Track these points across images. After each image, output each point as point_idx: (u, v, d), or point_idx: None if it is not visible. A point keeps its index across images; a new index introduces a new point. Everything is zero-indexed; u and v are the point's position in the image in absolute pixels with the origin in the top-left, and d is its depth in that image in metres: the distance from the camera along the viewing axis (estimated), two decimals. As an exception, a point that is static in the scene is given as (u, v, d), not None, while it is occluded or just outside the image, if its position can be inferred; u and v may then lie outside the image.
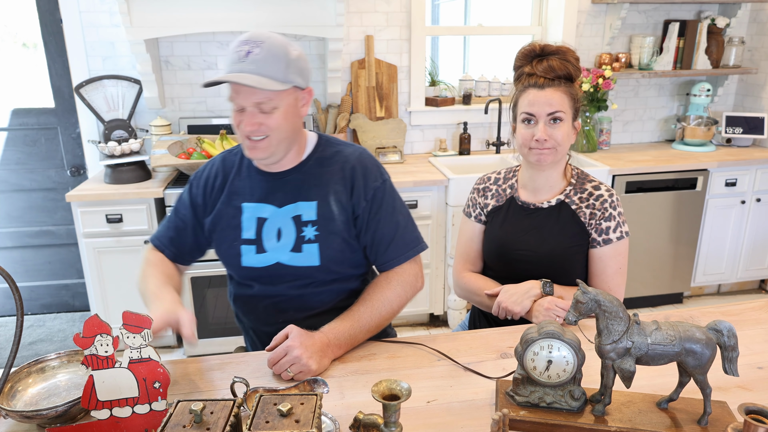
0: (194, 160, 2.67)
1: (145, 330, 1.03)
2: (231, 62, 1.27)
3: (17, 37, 3.08)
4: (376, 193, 1.41)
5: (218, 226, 1.45)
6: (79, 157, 3.19)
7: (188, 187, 1.52)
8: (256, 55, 1.25)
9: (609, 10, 3.43)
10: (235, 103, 1.30)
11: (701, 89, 3.55)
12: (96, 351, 1.03)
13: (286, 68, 1.28)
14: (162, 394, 1.05)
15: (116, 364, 1.03)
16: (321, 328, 1.31)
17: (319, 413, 0.90)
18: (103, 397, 1.04)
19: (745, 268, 3.50)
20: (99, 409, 1.04)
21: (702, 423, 1.04)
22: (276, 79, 1.27)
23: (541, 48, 1.53)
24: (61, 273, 3.37)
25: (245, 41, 1.27)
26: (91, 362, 1.03)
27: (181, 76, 3.15)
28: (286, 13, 2.88)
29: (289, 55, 1.30)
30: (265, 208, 1.41)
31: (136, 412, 1.05)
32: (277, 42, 1.29)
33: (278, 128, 1.31)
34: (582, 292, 1.03)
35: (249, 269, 1.43)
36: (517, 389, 1.11)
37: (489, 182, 1.70)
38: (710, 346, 1.02)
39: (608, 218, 1.54)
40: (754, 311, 1.55)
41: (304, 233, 1.38)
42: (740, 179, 3.30)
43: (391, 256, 1.42)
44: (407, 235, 1.44)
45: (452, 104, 3.46)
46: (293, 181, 1.41)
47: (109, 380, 1.03)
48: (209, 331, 2.89)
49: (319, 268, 1.39)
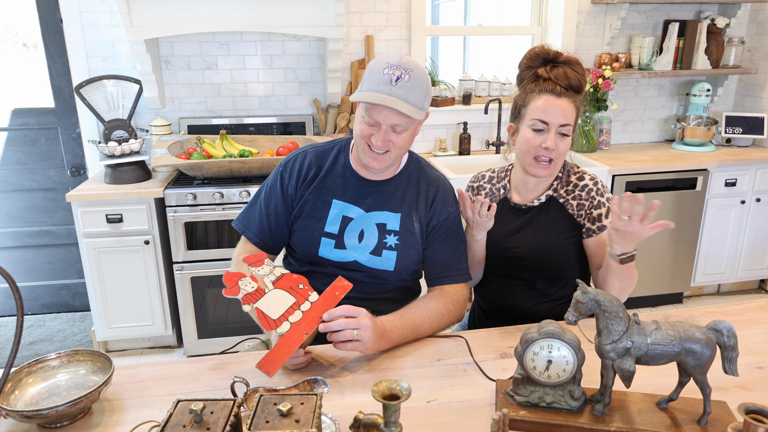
0: (194, 160, 2.67)
1: (264, 259, 1.30)
2: (379, 82, 1.34)
3: (17, 37, 3.08)
4: (449, 218, 1.53)
5: (303, 214, 1.52)
6: (79, 157, 3.19)
7: (277, 177, 1.55)
8: (406, 82, 1.34)
9: (609, 10, 3.43)
10: (371, 118, 1.37)
11: (701, 89, 3.55)
12: (246, 290, 1.26)
13: (425, 97, 1.39)
14: (310, 288, 1.29)
15: (266, 290, 1.27)
16: (380, 317, 1.35)
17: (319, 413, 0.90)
18: (275, 315, 1.24)
19: (744, 268, 3.50)
20: (279, 325, 1.23)
21: (702, 423, 1.04)
22: (418, 107, 1.37)
23: (555, 53, 1.53)
24: (61, 273, 3.37)
25: (396, 65, 1.35)
26: (250, 299, 1.25)
27: (181, 76, 3.15)
28: (286, 13, 2.88)
29: (429, 85, 1.41)
30: (352, 209, 1.50)
31: (302, 310, 1.26)
32: (423, 72, 1.38)
33: (402, 147, 1.42)
34: (582, 292, 1.03)
35: (325, 260, 1.50)
36: (517, 389, 1.11)
37: (483, 180, 1.71)
38: (710, 346, 1.02)
39: (597, 206, 1.54)
40: (754, 311, 1.55)
41: (386, 240, 1.49)
42: (740, 179, 3.30)
43: (445, 274, 1.52)
44: (462, 263, 1.54)
45: (452, 104, 3.46)
46: (385, 191, 1.51)
47: (270, 303, 1.26)
48: (209, 331, 2.89)
49: (392, 273, 1.51)
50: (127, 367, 1.30)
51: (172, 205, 2.69)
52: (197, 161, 2.65)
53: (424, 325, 1.41)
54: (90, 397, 1.08)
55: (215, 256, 2.79)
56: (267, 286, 1.27)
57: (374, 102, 1.32)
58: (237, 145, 2.94)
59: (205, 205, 2.71)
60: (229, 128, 3.16)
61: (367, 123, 1.38)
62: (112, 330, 2.87)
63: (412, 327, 1.39)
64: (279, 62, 3.21)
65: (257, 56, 3.19)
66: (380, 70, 1.35)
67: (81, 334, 3.18)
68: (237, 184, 2.74)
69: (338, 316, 1.25)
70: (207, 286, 2.82)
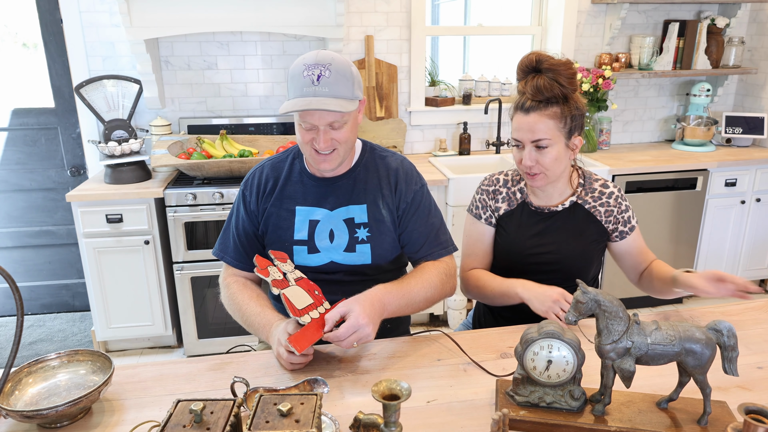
0: (194, 160, 2.67)
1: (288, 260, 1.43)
2: (302, 86, 1.32)
3: (17, 37, 3.08)
4: (415, 196, 1.52)
5: (269, 227, 1.51)
6: (79, 157, 3.19)
7: (240, 197, 1.56)
8: (327, 78, 1.31)
9: (609, 10, 3.43)
10: (306, 123, 1.35)
11: (701, 89, 3.55)
12: (275, 277, 1.33)
13: (353, 86, 1.36)
14: (323, 298, 1.37)
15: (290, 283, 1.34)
16: (374, 287, 1.35)
17: (319, 413, 0.90)
18: (300, 306, 1.29)
19: (745, 268, 3.50)
20: (302, 315, 1.27)
21: (702, 423, 1.04)
22: (348, 99, 1.34)
23: (538, 61, 1.49)
24: (61, 273, 3.37)
25: (313, 64, 1.32)
26: (278, 284, 1.31)
27: (181, 76, 3.15)
28: (286, 13, 2.88)
29: (353, 71, 1.37)
30: (317, 211, 1.49)
31: (319, 311, 1.32)
32: (342, 61, 1.35)
33: (346, 141, 1.40)
34: (582, 292, 1.03)
35: (302, 267, 1.49)
36: (517, 389, 1.11)
37: (498, 184, 1.68)
38: (710, 346, 1.02)
39: (625, 209, 1.61)
40: (754, 311, 1.55)
41: (357, 234, 1.48)
42: (740, 179, 3.30)
43: (426, 251, 1.51)
44: (441, 236, 1.53)
45: (452, 104, 3.46)
46: (344, 186, 1.50)
47: (293, 294, 1.32)
48: (209, 331, 2.89)
49: (370, 266, 1.50)
50: (127, 367, 1.30)
51: (172, 205, 2.69)
52: (197, 161, 2.65)
53: (419, 295, 1.41)
54: (90, 397, 1.08)
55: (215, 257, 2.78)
56: (290, 281, 1.35)
57: (302, 108, 1.30)
58: (237, 145, 2.94)
59: (205, 205, 2.71)
60: (229, 128, 3.16)
61: (305, 129, 1.37)
62: (112, 330, 2.87)
63: (409, 297, 1.39)
64: (279, 62, 3.21)
65: (257, 56, 3.19)
66: (300, 74, 1.32)
67: (81, 334, 3.18)
68: (237, 184, 2.74)
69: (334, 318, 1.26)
70: (207, 286, 2.82)
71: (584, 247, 1.60)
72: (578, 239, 1.59)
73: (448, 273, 1.50)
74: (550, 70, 1.47)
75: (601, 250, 1.65)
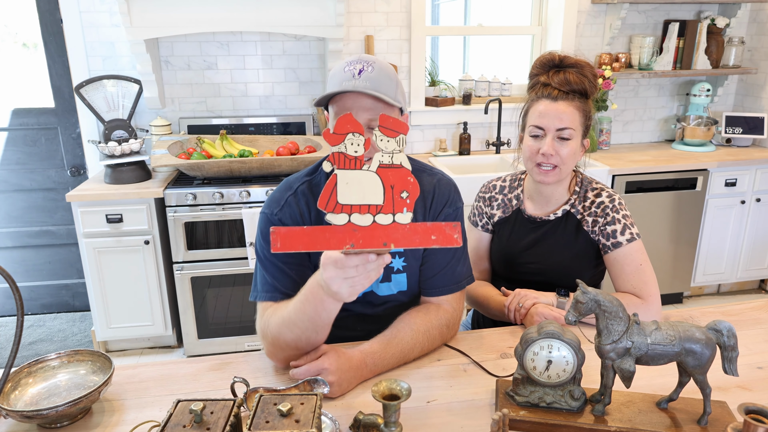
0: (194, 160, 2.67)
1: (401, 135, 0.95)
2: (341, 80, 1.23)
3: (17, 37, 3.08)
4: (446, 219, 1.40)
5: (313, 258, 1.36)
6: (79, 157, 3.19)
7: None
8: (369, 73, 1.23)
9: (609, 10, 3.43)
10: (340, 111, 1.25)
11: (701, 89, 3.55)
12: (345, 149, 0.93)
13: (396, 89, 1.27)
14: (408, 206, 0.94)
15: (364, 166, 0.94)
16: (360, 347, 1.25)
17: (319, 413, 0.90)
18: (343, 200, 0.93)
19: (744, 268, 3.50)
20: (337, 213, 0.93)
21: (702, 423, 1.04)
22: (389, 96, 1.24)
23: (560, 59, 1.50)
24: (61, 273, 3.37)
25: (356, 60, 1.25)
26: (338, 160, 0.93)
27: (181, 76, 3.15)
28: (286, 13, 2.88)
29: (397, 78, 1.29)
30: None
31: (377, 221, 0.94)
32: (386, 64, 1.28)
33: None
34: (582, 292, 1.03)
35: None
36: (517, 389, 1.11)
37: (494, 191, 1.68)
38: (710, 346, 1.02)
39: (612, 222, 1.51)
40: (754, 311, 1.55)
41: (392, 264, 1.38)
42: (740, 179, 3.30)
43: (437, 285, 1.40)
44: (459, 268, 1.41)
45: (452, 104, 3.45)
46: None
47: (353, 182, 0.93)
48: (209, 331, 2.89)
49: (405, 293, 1.42)
50: (127, 367, 1.30)
51: (172, 205, 2.69)
52: (197, 161, 2.65)
53: (414, 350, 1.30)
54: (90, 397, 1.08)
55: (215, 256, 2.79)
56: (370, 165, 0.95)
57: (338, 90, 1.20)
58: (237, 145, 2.94)
59: (205, 205, 2.71)
60: (229, 128, 3.17)
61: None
62: (112, 330, 2.87)
63: (400, 354, 1.28)
64: (279, 62, 3.21)
65: (257, 56, 3.19)
66: (340, 70, 1.24)
67: (81, 334, 3.18)
68: (237, 184, 2.74)
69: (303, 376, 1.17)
70: (207, 286, 2.82)
71: (570, 258, 1.56)
72: (565, 250, 1.56)
73: (449, 324, 1.38)
74: (575, 66, 1.49)
75: (594, 259, 1.58)
